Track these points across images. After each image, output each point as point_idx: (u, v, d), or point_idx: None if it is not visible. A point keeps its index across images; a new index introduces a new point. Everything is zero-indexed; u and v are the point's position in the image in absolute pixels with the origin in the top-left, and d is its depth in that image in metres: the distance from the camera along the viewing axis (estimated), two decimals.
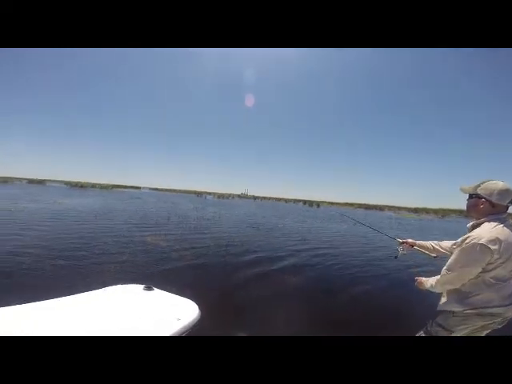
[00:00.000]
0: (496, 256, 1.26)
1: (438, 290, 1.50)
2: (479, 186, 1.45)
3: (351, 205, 55.37)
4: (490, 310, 1.33)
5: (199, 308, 1.39)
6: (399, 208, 52.19)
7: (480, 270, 1.31)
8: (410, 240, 2.02)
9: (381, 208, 49.89)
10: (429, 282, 1.55)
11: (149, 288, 1.56)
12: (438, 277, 1.47)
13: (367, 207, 49.93)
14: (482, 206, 1.42)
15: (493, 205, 1.39)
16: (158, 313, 1.30)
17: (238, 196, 73.80)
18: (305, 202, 55.36)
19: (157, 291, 1.56)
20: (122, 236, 6.31)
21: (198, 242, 6.30)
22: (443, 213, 35.35)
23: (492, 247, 1.25)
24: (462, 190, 1.56)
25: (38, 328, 1.07)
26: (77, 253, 4.56)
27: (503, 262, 1.28)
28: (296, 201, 66.07)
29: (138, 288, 1.57)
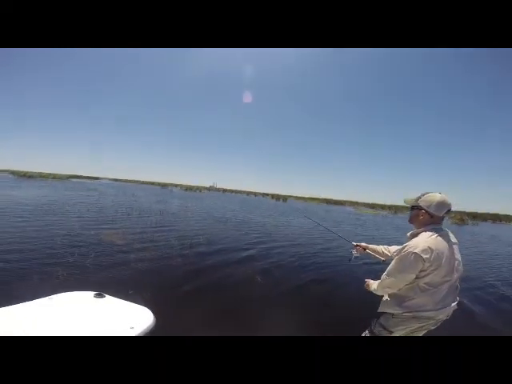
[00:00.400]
0: (427, 264, 1.37)
1: (379, 293, 1.62)
2: (420, 198, 1.56)
3: (316, 199, 57.72)
4: (424, 314, 1.43)
5: (154, 315, 1.35)
6: (358, 203, 55.74)
7: (414, 276, 1.41)
8: (363, 244, 2.12)
9: (342, 203, 52.79)
10: (373, 285, 1.66)
11: (99, 295, 1.48)
12: (379, 281, 1.59)
13: (330, 202, 52.49)
14: (422, 217, 1.53)
15: (431, 215, 1.50)
16: (110, 322, 1.25)
17: (207, 189, 72.42)
18: (272, 196, 56.41)
19: (108, 298, 1.48)
20: (73, 235, 5.81)
21: (159, 239, 6.05)
22: (396, 209, 38.57)
23: (424, 256, 1.35)
24: (405, 202, 1.67)
25: None
26: (17, 255, 4.09)
27: (434, 270, 1.38)
28: (264, 194, 66.95)
29: (88, 295, 1.48)
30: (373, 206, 47.60)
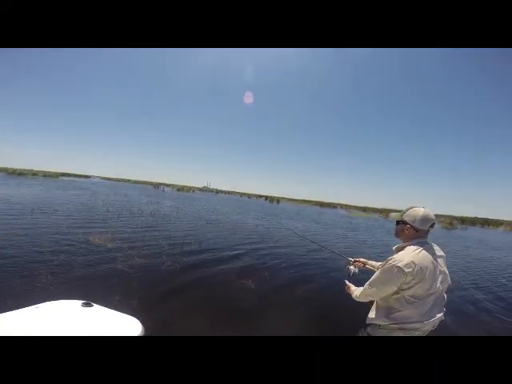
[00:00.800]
0: (410, 277, 1.41)
1: (360, 300, 1.66)
2: (405, 212, 1.61)
3: (308, 202, 58.01)
4: (409, 325, 1.47)
5: (143, 325, 1.35)
6: (350, 206, 56.22)
7: (395, 288, 1.47)
8: (362, 259, 2.14)
9: (334, 206, 53.12)
10: (355, 291, 1.69)
11: (87, 304, 1.46)
12: (362, 288, 1.63)
13: (322, 204, 52.80)
14: (407, 232, 1.58)
15: (416, 230, 1.55)
16: (97, 331, 1.23)
17: (200, 189, 71.99)
18: (266, 197, 56.46)
19: (96, 308, 1.46)
20: (60, 237, 5.65)
21: (149, 243, 5.95)
22: (387, 212, 39.07)
23: (406, 270, 1.40)
24: (391, 217, 1.70)
25: None
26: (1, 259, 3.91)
27: (417, 283, 1.42)
28: (258, 196, 66.95)
29: (76, 304, 1.45)
30: (364, 210, 48.13)
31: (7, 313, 1.27)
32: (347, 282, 1.82)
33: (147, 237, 6.46)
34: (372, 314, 1.62)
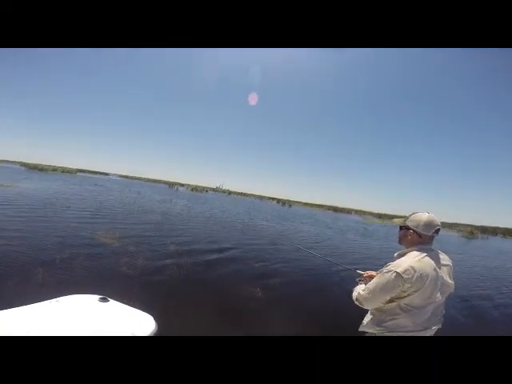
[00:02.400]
0: (408, 285, 1.35)
1: (358, 304, 1.57)
2: (408, 218, 1.56)
3: (321, 206, 57.19)
4: (403, 335, 1.40)
5: (156, 321, 1.38)
6: (364, 212, 54.98)
7: (393, 295, 1.40)
8: (371, 272, 1.82)
9: (348, 211, 52.13)
10: (355, 293, 1.60)
11: (104, 299, 1.51)
12: (362, 292, 1.54)
13: (336, 209, 51.95)
14: (410, 237, 1.52)
15: (420, 235, 1.49)
16: (112, 327, 1.28)
17: (213, 190, 72.64)
18: (278, 200, 56.17)
19: (112, 303, 1.51)
20: (72, 232, 5.69)
21: (159, 242, 5.86)
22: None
23: (405, 276, 1.34)
24: (394, 222, 1.67)
25: None
26: (12, 254, 3.88)
27: (415, 291, 1.36)
28: (270, 199, 66.80)
29: (93, 299, 1.52)
30: (380, 216, 46.83)
31: (31, 305, 1.34)
32: (364, 274, 1.74)
33: (157, 237, 6.38)
34: (365, 323, 1.57)
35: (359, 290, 1.58)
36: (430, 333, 1.45)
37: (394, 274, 1.36)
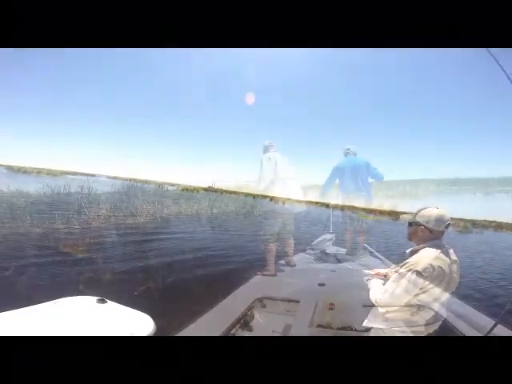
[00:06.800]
0: (426, 282, 1.39)
1: (376, 304, 1.54)
2: (417, 213, 1.57)
3: (315, 203, 57.49)
4: (407, 330, 1.43)
5: (154, 322, 1.39)
6: (356, 208, 55.75)
7: (413, 294, 1.41)
8: (381, 271, 1.83)
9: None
10: (373, 296, 1.56)
11: (102, 301, 1.53)
12: (382, 297, 1.51)
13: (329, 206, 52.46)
14: (422, 233, 1.54)
15: (431, 231, 1.51)
16: (111, 327, 1.29)
17: (205, 189, 71.87)
18: (271, 198, 56.17)
19: (110, 304, 1.53)
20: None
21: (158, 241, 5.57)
22: (396, 215, 38.17)
23: (425, 274, 1.37)
24: (402, 219, 1.72)
25: None
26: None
27: (431, 288, 1.39)
28: (262, 197, 66.85)
29: (91, 300, 1.55)
30: (371, 211, 47.34)
31: (28, 307, 1.35)
32: (373, 273, 1.75)
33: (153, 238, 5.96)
34: (371, 317, 1.60)
35: (377, 293, 1.56)
36: (429, 330, 1.48)
37: (414, 272, 1.38)
